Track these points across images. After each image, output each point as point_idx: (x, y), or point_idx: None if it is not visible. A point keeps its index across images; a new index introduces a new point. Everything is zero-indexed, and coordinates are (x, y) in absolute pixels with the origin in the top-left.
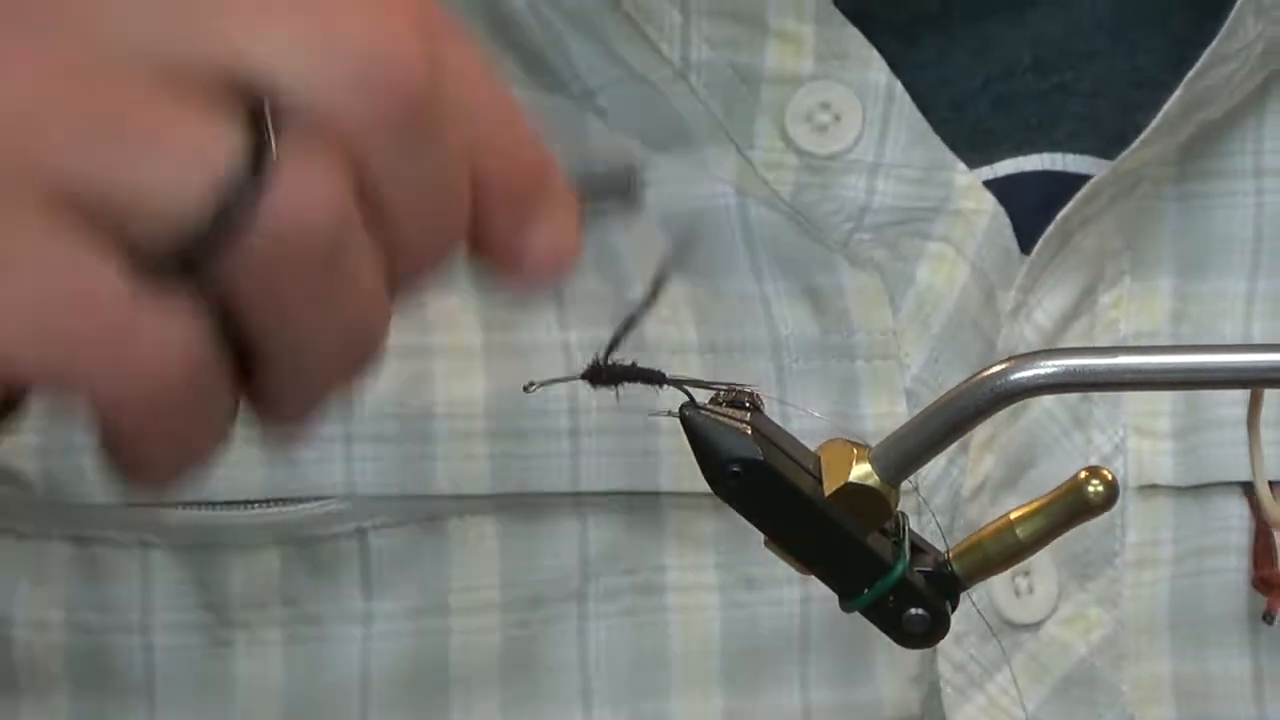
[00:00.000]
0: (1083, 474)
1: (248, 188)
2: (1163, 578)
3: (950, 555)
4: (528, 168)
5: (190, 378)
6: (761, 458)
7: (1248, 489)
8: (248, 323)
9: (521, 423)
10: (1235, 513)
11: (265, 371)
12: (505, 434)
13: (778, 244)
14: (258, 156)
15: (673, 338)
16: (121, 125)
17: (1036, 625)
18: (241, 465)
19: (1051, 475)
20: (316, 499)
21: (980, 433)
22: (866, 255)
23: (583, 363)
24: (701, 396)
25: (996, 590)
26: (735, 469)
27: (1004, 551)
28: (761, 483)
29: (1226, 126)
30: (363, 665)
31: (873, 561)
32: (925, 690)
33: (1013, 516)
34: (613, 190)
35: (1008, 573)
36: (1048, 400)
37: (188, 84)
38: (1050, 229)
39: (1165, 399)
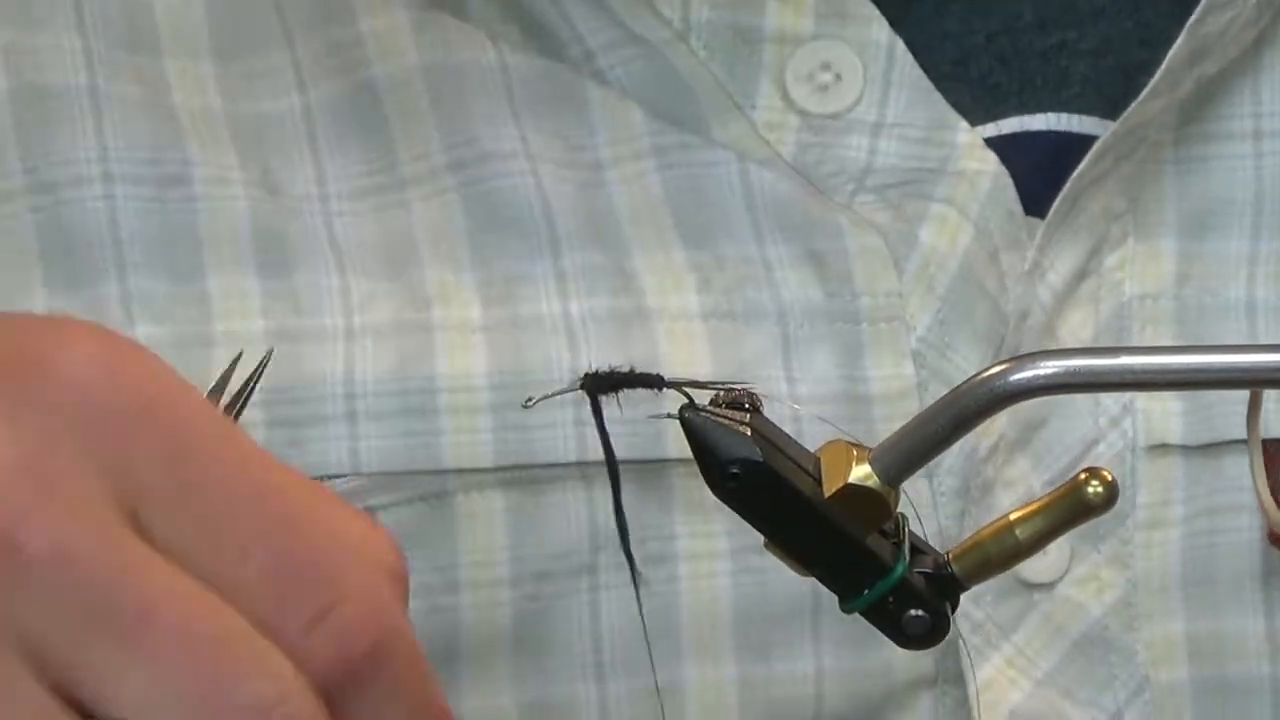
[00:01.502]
0: (1082, 475)
1: None
2: (1174, 538)
3: (950, 556)
4: None
5: None
6: (760, 459)
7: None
8: None
9: (524, 394)
10: (1247, 471)
11: None
12: (508, 406)
13: (781, 208)
14: None
15: (674, 305)
16: None
17: (1051, 585)
18: None
19: (1061, 435)
20: (323, 479)
21: None
22: (870, 217)
23: (583, 335)
24: (701, 397)
25: None
26: (735, 470)
27: (1004, 552)
28: (761, 484)
29: (1223, 89)
30: None
31: (872, 563)
32: (939, 653)
33: (1012, 517)
34: None
35: None
36: None
37: None
38: (1066, 188)
39: None
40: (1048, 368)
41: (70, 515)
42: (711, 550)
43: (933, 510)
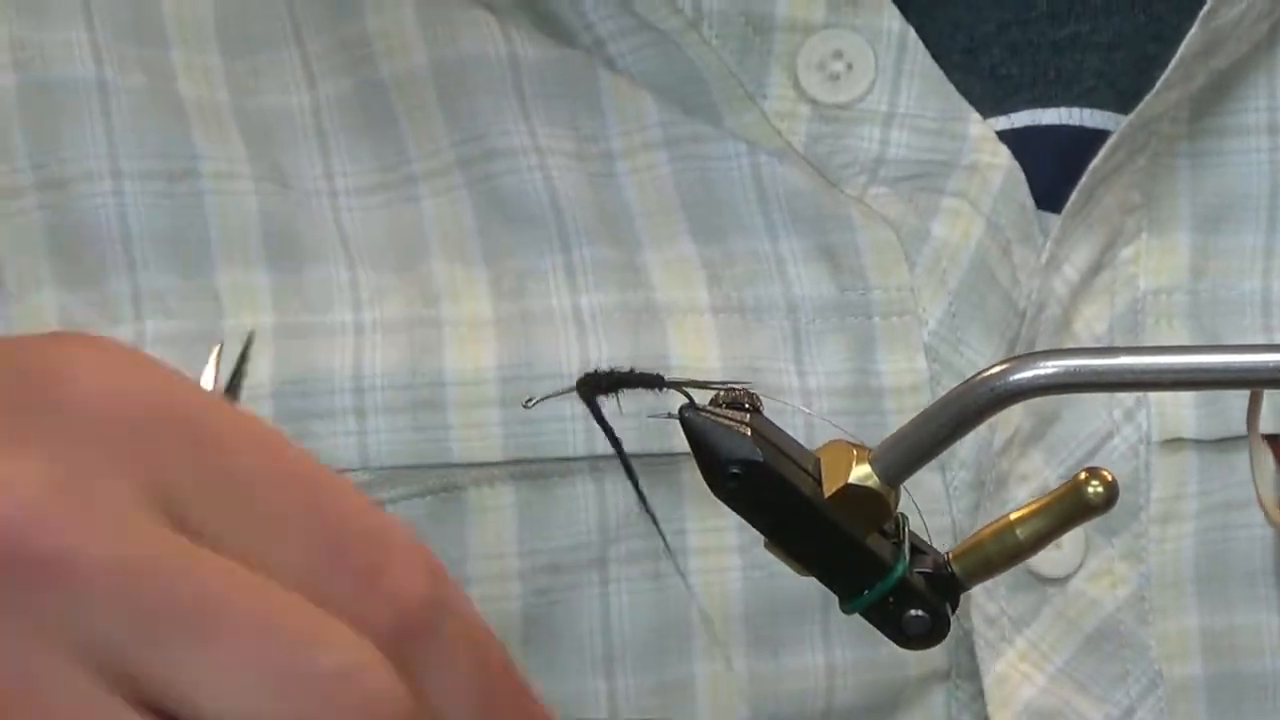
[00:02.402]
0: (1082, 475)
1: None
2: (1188, 532)
3: (950, 556)
4: None
5: None
6: (761, 459)
7: (1274, 441)
8: None
9: (533, 388)
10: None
11: None
12: (517, 400)
13: (793, 201)
14: None
15: (683, 300)
16: None
17: (1064, 580)
18: None
19: (1075, 428)
20: None
21: None
22: (882, 210)
23: (592, 329)
24: (702, 397)
25: None
26: (735, 470)
27: (1004, 552)
28: (761, 484)
29: (1238, 82)
30: None
31: (872, 563)
32: (952, 647)
33: (1012, 517)
34: None
35: None
36: None
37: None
38: (1082, 181)
39: None
40: (1048, 367)
41: (118, 525)
42: (722, 544)
43: (946, 504)
